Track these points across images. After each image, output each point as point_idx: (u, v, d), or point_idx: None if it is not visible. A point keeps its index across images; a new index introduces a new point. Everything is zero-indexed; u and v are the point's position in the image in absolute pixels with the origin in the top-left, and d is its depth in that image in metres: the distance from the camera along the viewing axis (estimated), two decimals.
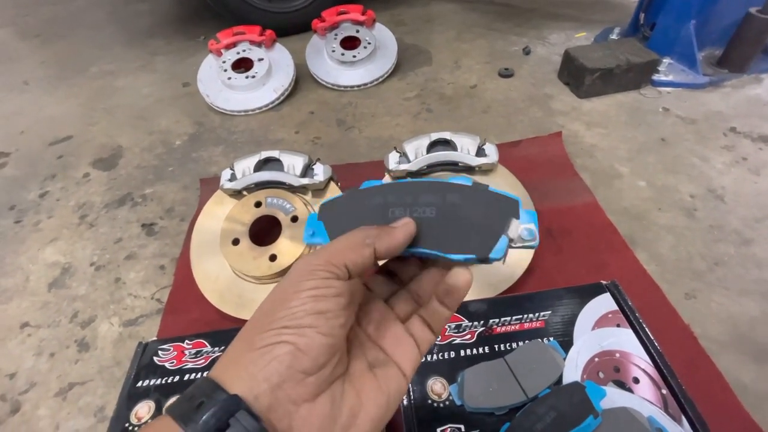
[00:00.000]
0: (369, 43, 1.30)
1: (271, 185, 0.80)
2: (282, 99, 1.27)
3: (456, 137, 0.81)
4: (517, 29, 1.56)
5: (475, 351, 0.58)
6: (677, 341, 0.64)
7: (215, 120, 1.24)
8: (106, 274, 0.84)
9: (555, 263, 0.76)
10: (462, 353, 0.57)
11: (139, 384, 0.58)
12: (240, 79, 1.23)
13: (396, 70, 1.36)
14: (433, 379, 0.55)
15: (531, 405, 0.48)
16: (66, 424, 0.63)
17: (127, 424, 0.54)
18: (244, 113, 1.24)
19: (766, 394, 0.59)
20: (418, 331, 0.30)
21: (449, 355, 0.57)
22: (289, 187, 0.79)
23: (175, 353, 0.61)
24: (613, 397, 0.51)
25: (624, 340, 0.57)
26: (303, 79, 1.36)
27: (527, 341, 0.58)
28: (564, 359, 0.55)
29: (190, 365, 0.59)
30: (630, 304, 0.61)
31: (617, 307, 0.61)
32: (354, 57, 1.29)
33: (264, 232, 0.77)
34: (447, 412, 0.52)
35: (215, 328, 0.68)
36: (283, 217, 0.75)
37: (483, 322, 0.60)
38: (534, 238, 0.26)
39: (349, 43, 1.32)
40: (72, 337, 0.74)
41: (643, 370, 0.54)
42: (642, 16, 1.31)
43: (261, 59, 1.26)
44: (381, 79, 1.32)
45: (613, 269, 0.75)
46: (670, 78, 1.19)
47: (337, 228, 0.30)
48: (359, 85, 1.30)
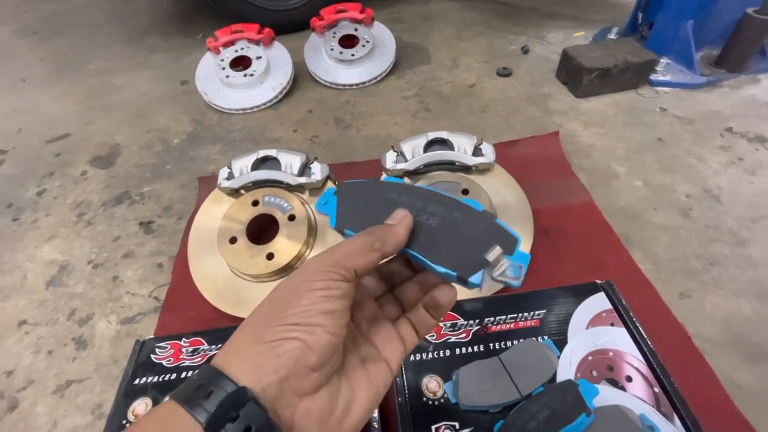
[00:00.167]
0: (367, 42, 1.30)
1: (269, 184, 0.80)
2: (280, 97, 1.27)
3: (453, 136, 0.81)
4: (516, 28, 1.56)
5: (470, 349, 0.58)
6: (671, 340, 0.64)
7: (213, 118, 1.24)
8: (103, 272, 0.84)
9: (551, 262, 0.77)
10: (457, 351, 0.58)
11: (137, 382, 0.58)
12: (238, 77, 1.23)
13: (394, 68, 1.36)
14: (428, 377, 0.55)
15: (525, 403, 0.49)
16: (63, 421, 0.64)
17: (125, 421, 0.54)
18: (242, 111, 1.24)
19: (758, 393, 0.60)
20: (405, 333, 0.32)
21: (444, 354, 0.58)
22: (287, 186, 0.79)
23: (172, 351, 0.61)
24: (606, 396, 0.51)
25: (618, 339, 0.57)
26: (301, 78, 1.36)
27: (522, 340, 0.58)
28: (558, 358, 0.56)
29: (187, 363, 0.60)
30: (624, 303, 0.62)
31: (611, 307, 0.61)
32: (352, 55, 1.29)
33: (261, 230, 0.77)
34: (442, 410, 0.52)
35: (212, 326, 0.69)
36: (281, 216, 0.75)
37: (478, 320, 0.61)
38: (518, 277, 0.27)
39: (348, 42, 1.32)
40: (69, 335, 0.74)
41: (636, 368, 0.55)
42: (640, 15, 1.32)
43: (259, 57, 1.26)
44: (379, 78, 1.32)
45: (609, 269, 0.75)
46: (667, 78, 1.19)
47: (345, 208, 0.32)
48: (357, 84, 1.30)
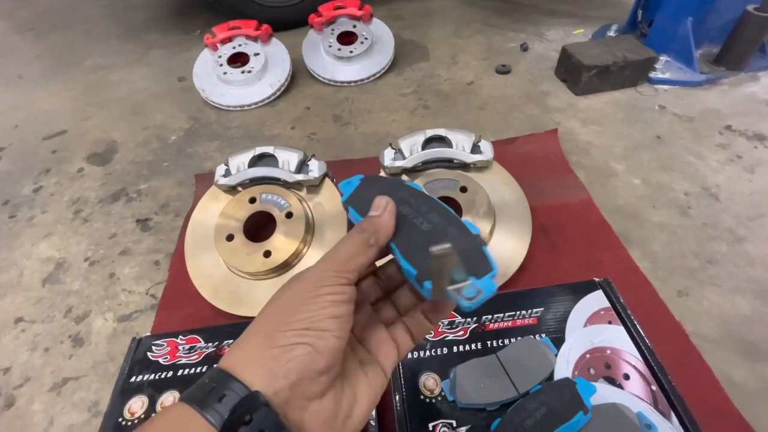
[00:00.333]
0: (366, 39, 1.30)
1: (266, 181, 0.79)
2: (278, 94, 1.26)
3: (451, 134, 0.81)
4: (515, 25, 1.55)
5: (468, 347, 0.58)
6: (669, 338, 0.64)
7: (211, 115, 1.23)
8: (100, 269, 0.84)
9: (549, 260, 0.76)
10: (454, 349, 0.58)
11: (133, 379, 0.58)
12: (236, 74, 1.22)
13: (393, 65, 1.35)
14: (426, 375, 0.55)
15: (522, 401, 0.48)
16: (60, 418, 0.63)
17: (121, 419, 0.54)
18: (239, 108, 1.23)
19: (755, 391, 0.60)
20: (399, 337, 0.32)
21: (442, 352, 0.58)
22: (284, 183, 0.79)
23: (169, 349, 0.61)
24: (604, 393, 0.51)
25: (615, 337, 0.57)
26: (299, 75, 1.35)
27: (519, 338, 0.58)
28: (556, 356, 0.56)
29: (183, 361, 0.60)
30: (622, 301, 0.62)
31: (609, 304, 0.61)
32: (351, 52, 1.28)
33: (258, 228, 0.77)
34: (439, 407, 0.52)
35: (209, 323, 0.68)
36: (278, 213, 0.74)
37: (476, 318, 0.61)
38: (472, 298, 0.26)
39: (346, 39, 1.32)
40: (66, 333, 0.74)
41: (634, 366, 0.54)
42: (640, 13, 1.31)
43: (257, 54, 1.25)
44: (378, 75, 1.31)
45: (607, 266, 0.75)
46: (667, 75, 1.19)
47: (361, 192, 0.33)
48: (356, 81, 1.29)
